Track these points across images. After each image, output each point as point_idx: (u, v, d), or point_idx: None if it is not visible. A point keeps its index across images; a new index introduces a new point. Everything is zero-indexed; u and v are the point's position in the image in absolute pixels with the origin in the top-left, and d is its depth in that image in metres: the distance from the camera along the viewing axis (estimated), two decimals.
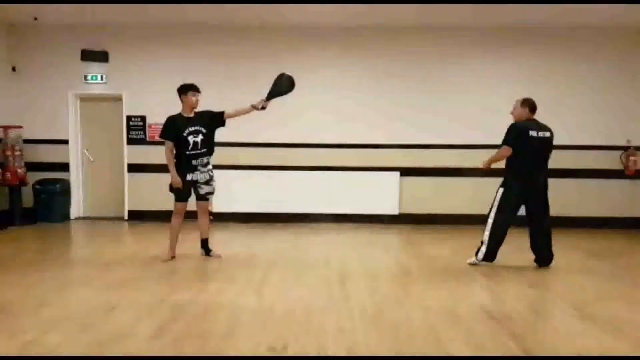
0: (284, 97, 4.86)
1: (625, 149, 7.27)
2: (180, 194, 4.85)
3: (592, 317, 3.45)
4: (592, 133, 7.30)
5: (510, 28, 7.18)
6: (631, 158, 7.20)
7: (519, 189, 4.74)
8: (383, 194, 7.33)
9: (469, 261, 4.92)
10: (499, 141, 7.23)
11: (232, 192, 7.11)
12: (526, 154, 4.70)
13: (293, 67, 5.92)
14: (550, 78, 7.30)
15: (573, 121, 7.30)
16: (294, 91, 4.88)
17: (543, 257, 4.88)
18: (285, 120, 7.20)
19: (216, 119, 4.86)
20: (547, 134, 4.78)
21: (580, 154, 7.30)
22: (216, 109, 4.92)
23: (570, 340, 3.06)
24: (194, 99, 4.79)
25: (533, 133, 4.69)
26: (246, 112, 4.84)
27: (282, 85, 4.79)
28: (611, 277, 4.66)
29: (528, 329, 3.24)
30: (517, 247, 5.92)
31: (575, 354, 2.86)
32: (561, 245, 6.08)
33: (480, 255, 4.82)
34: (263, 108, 4.76)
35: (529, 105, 4.86)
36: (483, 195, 7.34)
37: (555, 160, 7.24)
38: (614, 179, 7.29)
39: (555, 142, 7.19)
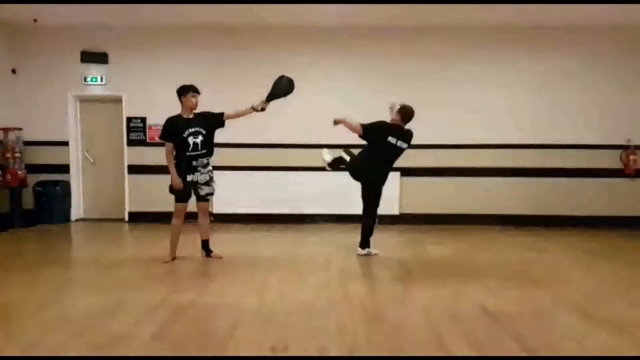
0: (284, 98, 4.88)
1: (625, 147, 7.27)
2: (181, 195, 4.85)
3: (593, 316, 3.46)
4: (592, 132, 7.30)
5: (510, 28, 7.19)
6: (631, 157, 7.20)
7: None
8: (383, 194, 7.30)
9: (362, 252, 5.31)
10: (499, 140, 7.34)
11: (232, 193, 7.12)
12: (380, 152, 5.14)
13: (294, 68, 5.95)
14: (550, 77, 7.30)
15: (573, 120, 7.30)
16: (294, 92, 4.90)
17: None
18: (286, 121, 7.20)
19: (216, 120, 4.87)
20: (404, 146, 5.17)
21: (580, 152, 7.30)
22: (216, 110, 4.92)
23: (572, 340, 3.06)
24: (193, 100, 4.79)
25: (392, 140, 5.09)
26: (246, 113, 4.85)
27: (282, 87, 4.81)
28: (612, 276, 4.67)
29: (529, 328, 3.24)
30: (518, 248, 5.94)
31: (576, 354, 2.86)
32: (561, 244, 6.11)
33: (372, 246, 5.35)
34: (262, 109, 4.79)
35: (401, 115, 5.13)
36: (483, 195, 7.41)
37: (556, 159, 7.35)
38: (614, 178, 7.30)
39: (555, 141, 7.33)
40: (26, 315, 3.44)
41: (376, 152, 5.17)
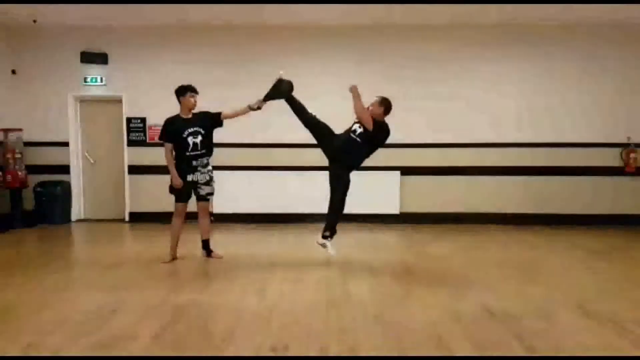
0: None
1: (625, 146, 7.26)
2: (181, 195, 4.86)
3: (594, 315, 3.45)
4: (593, 130, 7.29)
5: (510, 26, 7.18)
6: (631, 155, 7.20)
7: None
8: (384, 193, 7.33)
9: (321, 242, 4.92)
10: (499, 139, 7.33)
11: (232, 192, 7.12)
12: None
13: (294, 68, 5.93)
14: (551, 76, 7.30)
15: (573, 118, 7.30)
16: (295, 92, 4.90)
17: None
18: (286, 120, 7.17)
19: (214, 120, 4.87)
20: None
21: (580, 151, 7.29)
22: (215, 110, 4.93)
23: (573, 339, 3.06)
24: (192, 100, 4.80)
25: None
26: (243, 112, 4.86)
27: (281, 88, 4.81)
28: (612, 274, 4.66)
29: (530, 327, 3.23)
30: (519, 246, 5.93)
31: (577, 353, 2.85)
32: (562, 242, 6.10)
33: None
34: (259, 108, 4.81)
35: (385, 106, 4.88)
36: (483, 194, 7.40)
37: (556, 158, 7.34)
38: (614, 176, 7.29)
39: (555, 139, 7.32)
40: (26, 316, 3.44)
41: (371, 150, 4.94)
